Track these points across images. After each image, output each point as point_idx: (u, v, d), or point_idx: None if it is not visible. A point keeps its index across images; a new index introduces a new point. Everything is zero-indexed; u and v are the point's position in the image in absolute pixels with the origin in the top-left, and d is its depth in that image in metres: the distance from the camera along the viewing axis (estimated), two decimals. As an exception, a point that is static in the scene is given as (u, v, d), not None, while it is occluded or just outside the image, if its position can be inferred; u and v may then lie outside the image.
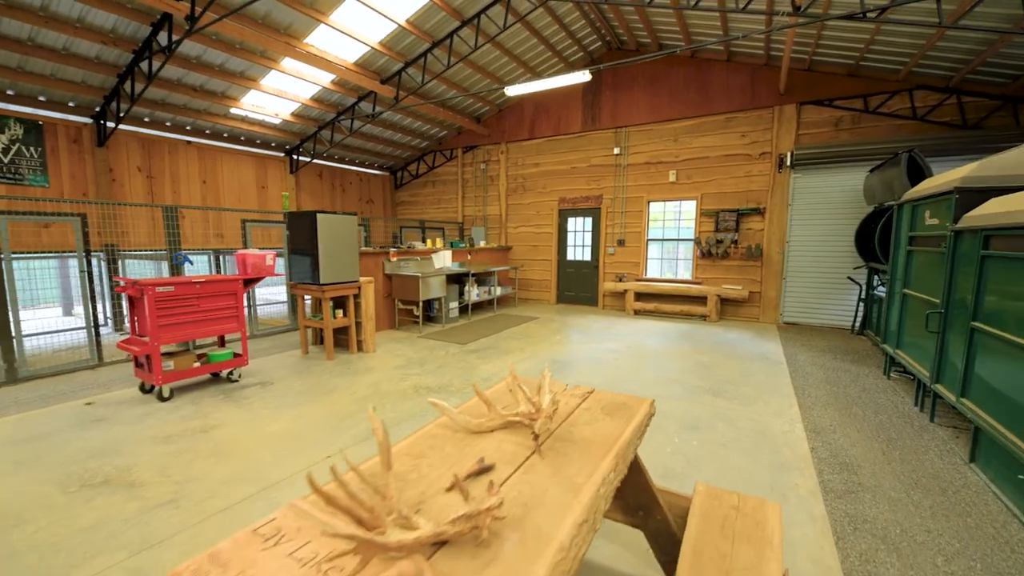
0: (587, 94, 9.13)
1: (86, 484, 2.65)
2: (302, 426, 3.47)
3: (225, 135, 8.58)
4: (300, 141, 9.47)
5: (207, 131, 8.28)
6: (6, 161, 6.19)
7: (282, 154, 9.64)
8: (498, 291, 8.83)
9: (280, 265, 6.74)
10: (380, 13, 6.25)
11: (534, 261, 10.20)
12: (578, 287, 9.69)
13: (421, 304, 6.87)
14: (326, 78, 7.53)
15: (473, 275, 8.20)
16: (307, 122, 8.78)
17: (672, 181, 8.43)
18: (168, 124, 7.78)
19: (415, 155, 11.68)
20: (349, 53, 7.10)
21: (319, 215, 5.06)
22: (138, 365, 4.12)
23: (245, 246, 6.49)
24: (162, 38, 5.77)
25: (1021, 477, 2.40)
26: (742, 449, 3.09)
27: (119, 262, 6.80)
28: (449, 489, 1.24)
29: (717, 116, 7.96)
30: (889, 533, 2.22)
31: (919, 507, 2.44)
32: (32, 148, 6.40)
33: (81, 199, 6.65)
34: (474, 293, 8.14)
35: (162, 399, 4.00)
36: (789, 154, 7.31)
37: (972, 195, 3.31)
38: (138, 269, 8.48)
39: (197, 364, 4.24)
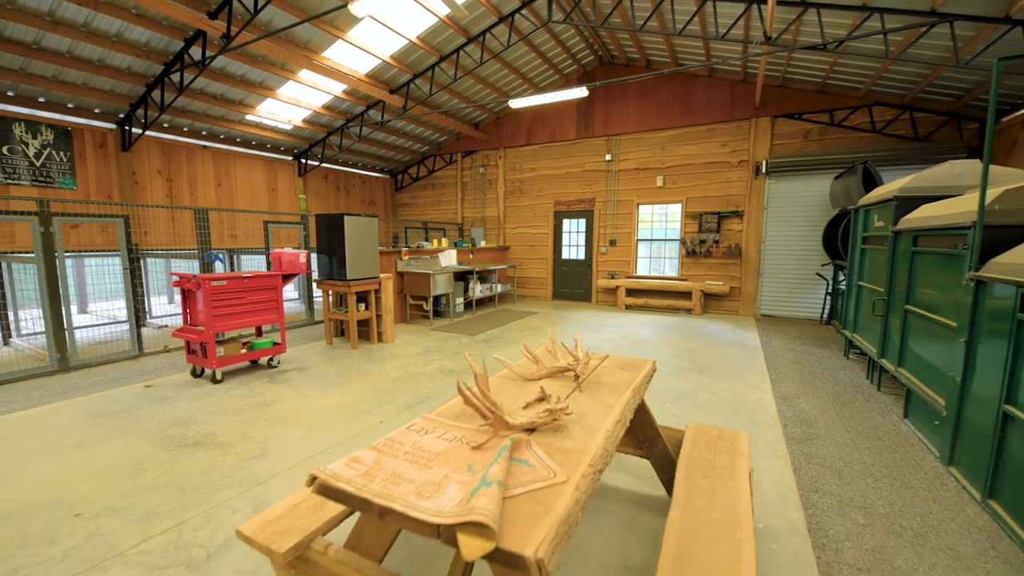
0: (581, 104, 9.77)
1: (181, 445, 3.16)
2: (349, 400, 4.01)
3: (238, 140, 8.98)
4: (309, 146, 9.91)
5: (221, 136, 8.68)
6: (38, 165, 6.54)
7: (291, 158, 10.06)
8: (499, 288, 9.41)
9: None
10: (393, 30, 6.79)
11: (531, 260, 10.81)
12: (573, 284, 10.33)
13: (431, 299, 7.41)
14: (338, 88, 8.02)
15: (476, 273, 8.76)
16: (317, 128, 9.24)
17: (659, 186, 9.13)
18: (185, 129, 8.16)
19: (415, 159, 12.19)
20: (362, 65, 7.61)
21: (347, 217, 5.59)
22: (191, 351, 4.59)
23: (267, 246, 6.94)
24: (194, 52, 6.21)
25: (936, 423, 3.09)
26: (723, 412, 3.74)
27: (141, 261, 7.18)
28: (526, 407, 1.83)
29: (700, 127, 8.69)
30: (834, 464, 2.88)
31: (859, 449, 3.11)
32: (61, 153, 6.76)
33: (107, 200, 7.05)
34: (478, 290, 8.71)
35: (215, 381, 4.49)
36: (764, 162, 8.06)
37: (908, 202, 4.03)
38: (165, 267, 8.86)
39: (243, 351, 4.72)
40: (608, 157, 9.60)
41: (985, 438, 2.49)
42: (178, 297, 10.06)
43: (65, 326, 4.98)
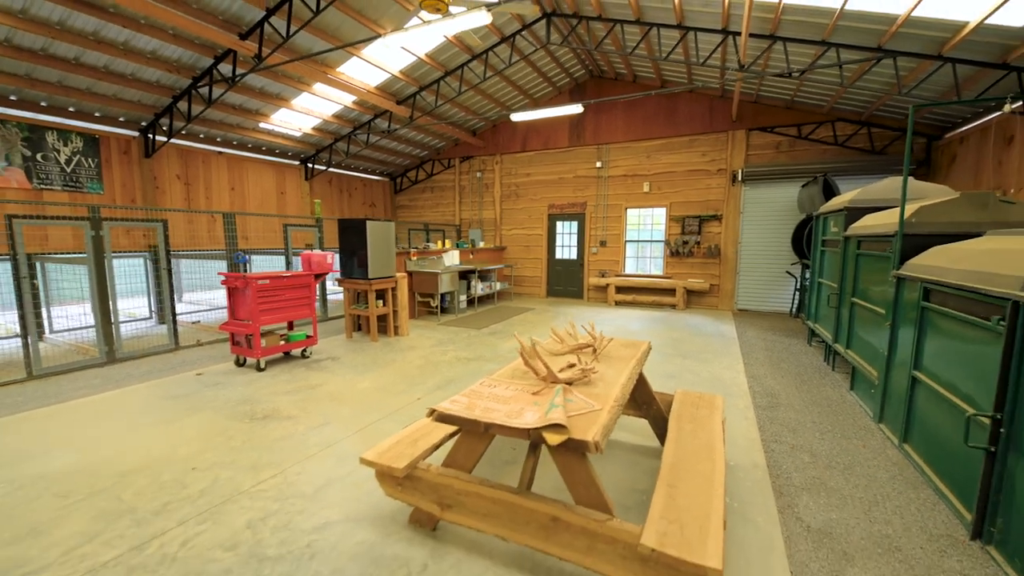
0: (573, 115, 10.47)
1: (253, 418, 3.73)
2: (384, 383, 4.61)
3: (250, 146, 9.42)
4: (316, 151, 10.39)
5: (235, 142, 9.11)
6: (68, 171, 6.93)
7: (298, 162, 10.52)
8: (498, 286, 10.06)
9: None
10: (404, 48, 7.36)
11: (527, 260, 11.48)
12: (566, 282, 11.04)
13: (438, 296, 8.02)
14: (349, 99, 8.55)
15: (478, 272, 9.39)
16: (325, 135, 9.73)
17: (646, 191, 9.89)
18: (202, 136, 8.58)
19: (415, 163, 12.73)
20: (372, 78, 8.15)
21: (368, 222, 6.16)
22: (235, 343, 5.13)
23: (286, 247, 7.45)
24: (223, 68, 6.69)
25: (872, 391, 3.86)
26: (704, 388, 4.46)
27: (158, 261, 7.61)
28: (561, 371, 2.49)
29: (682, 137, 9.47)
30: (790, 423, 3.62)
31: (812, 413, 3.86)
32: (90, 159, 7.15)
33: (130, 204, 7.47)
34: (479, 287, 9.34)
35: (259, 369, 5.03)
36: (740, 171, 8.88)
37: (856, 212, 4.82)
38: (191, 267, 9.27)
39: (282, 342, 5.27)
40: (598, 164, 10.33)
41: (902, 397, 3.25)
42: (189, 295, 10.44)
43: (113, 321, 5.46)
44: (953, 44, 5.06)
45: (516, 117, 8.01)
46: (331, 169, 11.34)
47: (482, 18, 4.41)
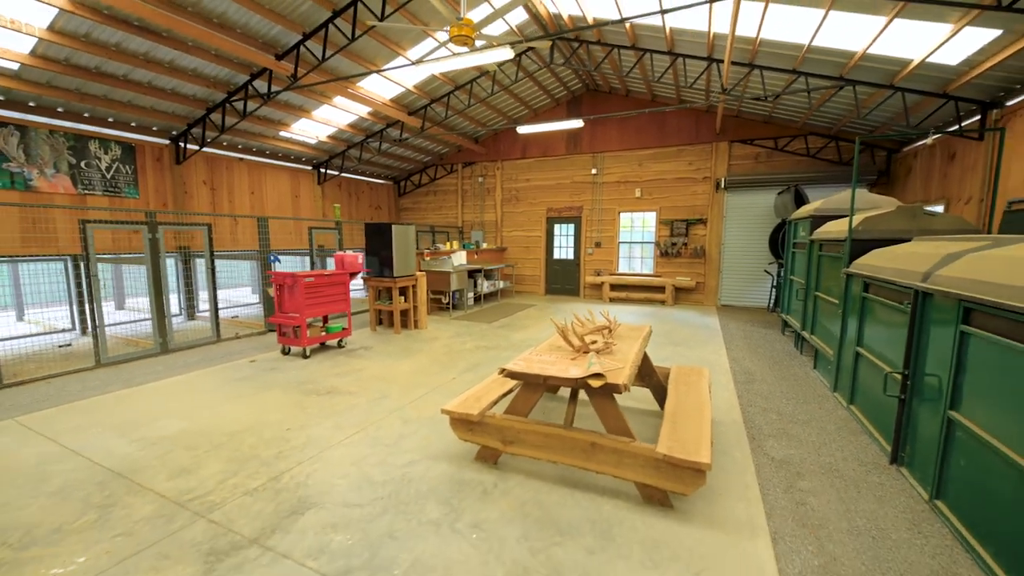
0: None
1: (319, 393, 4.41)
2: (420, 367, 5.31)
3: (268, 152, 9.98)
4: (329, 157, 10.98)
5: (254, 149, 9.68)
6: (108, 177, 7.46)
7: (311, 168, 11.11)
8: (500, 284, 10.79)
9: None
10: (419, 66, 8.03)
11: (526, 260, 12.24)
12: (563, 281, 11.83)
13: (450, 294, 8.72)
14: (364, 110, 9.19)
15: (483, 271, 10.10)
16: (338, 142, 10.35)
17: (638, 196, 10.73)
18: (225, 144, 9.13)
19: (418, 168, 13.39)
20: (388, 92, 8.81)
21: (393, 226, 6.84)
22: (282, 334, 5.77)
23: (311, 248, 8.08)
24: (257, 85, 7.30)
25: (829, 367, 4.70)
26: (693, 368, 5.26)
27: (191, 261, 8.17)
28: (592, 343, 3.25)
29: (671, 148, 10.33)
30: (763, 393, 4.44)
31: (781, 386, 4.68)
32: (127, 166, 7.68)
33: (162, 209, 8.02)
34: (484, 285, 10.06)
35: (305, 357, 5.69)
36: (723, 179, 9.77)
37: (819, 220, 5.68)
38: (222, 267, 9.75)
39: (323, 333, 5.93)
40: (594, 171, 11.13)
41: (850, 370, 4.08)
42: (203, 293, 10.93)
43: (166, 314, 6.05)
44: (902, 76, 5.96)
45: (523, 130, 8.76)
46: (342, 174, 11.93)
47: (505, 54, 5.14)
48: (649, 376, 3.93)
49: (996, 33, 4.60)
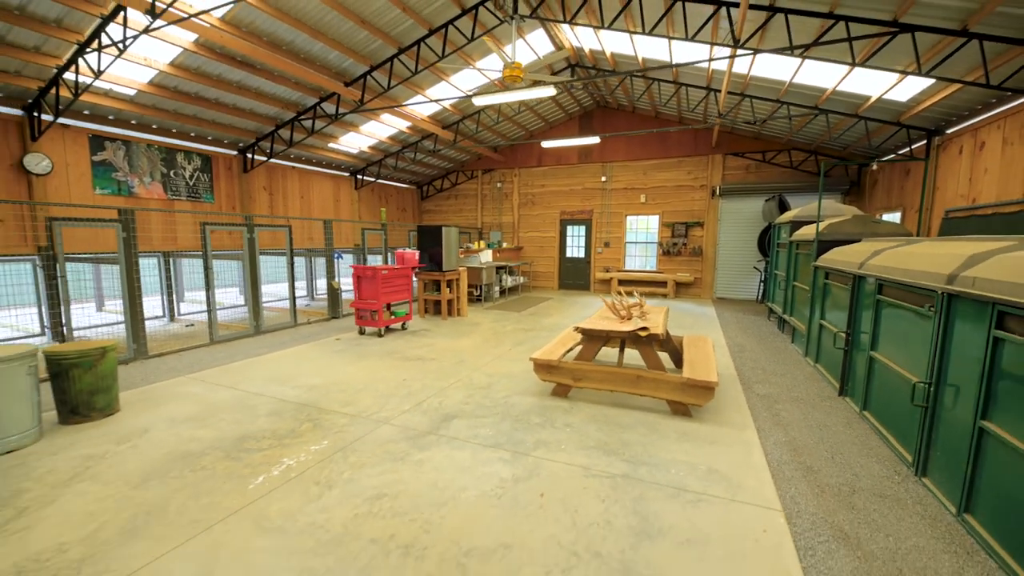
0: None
1: (409, 359, 5.65)
2: (475, 344, 6.57)
3: (315, 161, 11.17)
4: (365, 165, 12.19)
5: (303, 158, 10.86)
6: (191, 184, 8.62)
7: (348, 175, 12.30)
8: (521, 279, 12.07)
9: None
10: (459, 89, 9.29)
11: (541, 258, 13.53)
12: (575, 277, 13.14)
13: (481, 287, 9.98)
14: (404, 124, 10.41)
15: (508, 267, 11.37)
16: (376, 152, 11.55)
17: (642, 202, 12.07)
18: (280, 153, 10.30)
19: (440, 173, 14.62)
20: (426, 109, 10.05)
21: (444, 228, 8.09)
22: (360, 317, 6.99)
23: (363, 246, 9.29)
24: (324, 107, 8.50)
25: (803, 339, 6.04)
26: (696, 343, 6.59)
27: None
28: (632, 312, 4.55)
29: (672, 159, 11.68)
30: (752, 358, 5.76)
31: (766, 353, 6.01)
32: (206, 175, 8.84)
33: (233, 211, 9.19)
34: (508, 280, 11.33)
35: (380, 335, 6.92)
36: (718, 187, 11.14)
37: (797, 224, 7.04)
38: (266, 263, 10.80)
39: (392, 316, 7.16)
40: (603, 178, 12.45)
41: (815, 339, 5.42)
42: (266, 287, 12.07)
43: (259, 303, 7.24)
44: (864, 108, 7.35)
45: (546, 144, 10.03)
46: (376, 180, 13.14)
47: (548, 91, 6.41)
48: (667, 342, 5.24)
49: (930, 82, 5.99)
